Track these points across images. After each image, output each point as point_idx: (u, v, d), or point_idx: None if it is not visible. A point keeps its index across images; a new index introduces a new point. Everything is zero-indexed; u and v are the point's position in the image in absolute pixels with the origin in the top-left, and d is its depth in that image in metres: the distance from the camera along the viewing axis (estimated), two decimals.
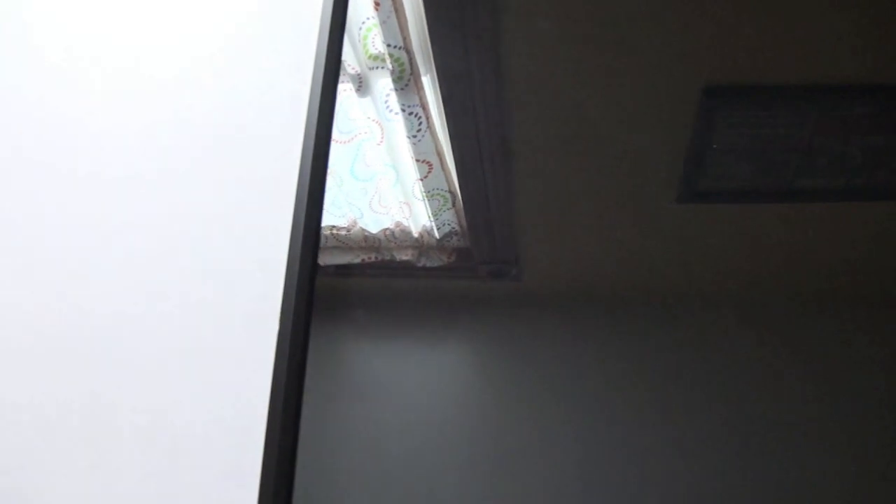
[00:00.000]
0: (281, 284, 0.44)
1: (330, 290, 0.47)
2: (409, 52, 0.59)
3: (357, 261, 0.50)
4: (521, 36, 0.57)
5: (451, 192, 0.51)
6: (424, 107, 0.56)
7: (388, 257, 0.48)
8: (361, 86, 0.60)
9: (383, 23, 0.61)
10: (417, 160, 0.53)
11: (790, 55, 0.55)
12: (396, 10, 0.61)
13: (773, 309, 0.47)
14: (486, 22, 0.58)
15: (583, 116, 0.53)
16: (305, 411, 0.42)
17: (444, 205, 0.50)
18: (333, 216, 0.50)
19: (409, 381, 0.45)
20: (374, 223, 0.51)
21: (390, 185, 0.53)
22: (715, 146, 0.51)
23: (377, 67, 0.60)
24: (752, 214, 0.49)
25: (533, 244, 0.49)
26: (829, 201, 0.50)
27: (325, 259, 0.47)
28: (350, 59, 0.61)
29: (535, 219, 0.50)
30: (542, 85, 0.55)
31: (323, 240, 0.46)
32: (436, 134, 0.54)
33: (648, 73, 0.55)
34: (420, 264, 0.48)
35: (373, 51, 0.61)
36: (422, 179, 0.52)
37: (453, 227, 0.50)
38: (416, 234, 0.49)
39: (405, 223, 0.50)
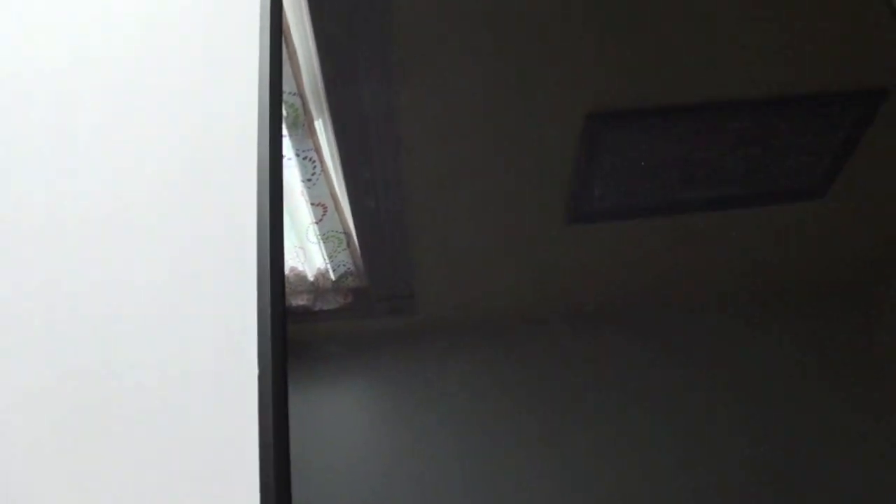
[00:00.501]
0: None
1: None
2: (302, 97, 0.60)
3: None
4: (414, 77, 0.58)
5: (345, 232, 0.51)
6: (318, 150, 0.56)
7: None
8: None
9: None
10: (312, 203, 0.53)
11: (666, 79, 0.57)
12: (290, 58, 0.62)
13: (665, 320, 0.48)
14: (378, 68, 0.59)
15: (473, 150, 0.54)
16: None
17: (338, 246, 0.51)
18: None
19: (316, 427, 0.45)
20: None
21: (285, 230, 0.53)
22: (597, 169, 0.52)
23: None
24: (639, 230, 0.51)
25: (429, 278, 0.50)
26: (711, 211, 0.52)
27: None
28: None
29: (429, 253, 0.51)
30: (433, 123, 0.55)
31: None
32: (330, 177, 0.55)
33: (534, 106, 0.56)
34: (317, 308, 0.48)
35: None
36: (317, 223, 0.52)
37: (349, 268, 0.50)
38: (311, 279, 0.49)
39: (300, 268, 0.49)
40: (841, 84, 0.59)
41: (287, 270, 0.49)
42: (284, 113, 0.59)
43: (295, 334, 0.47)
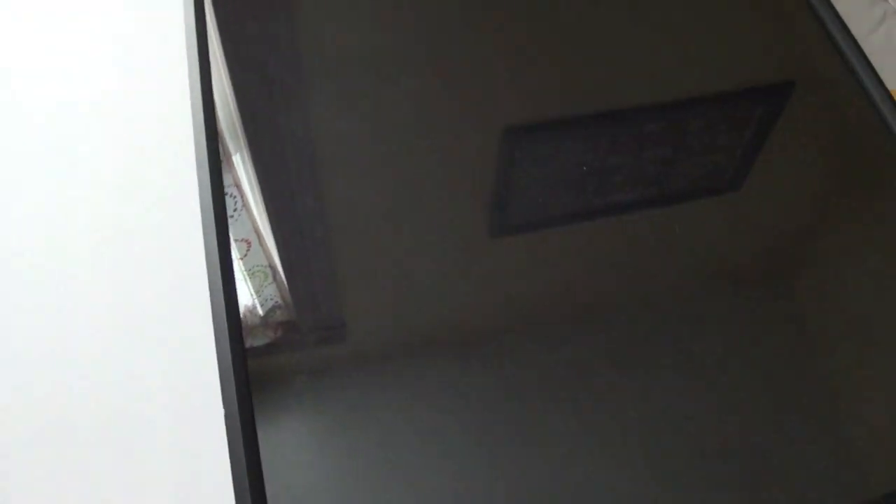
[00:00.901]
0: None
1: None
2: (219, 133, 0.59)
3: None
4: (329, 106, 0.58)
5: (270, 266, 0.51)
6: (238, 186, 0.56)
7: None
8: None
9: None
10: (236, 240, 0.53)
11: (577, 89, 0.58)
12: None
13: (599, 321, 0.49)
14: (292, 100, 0.59)
15: (395, 176, 0.55)
16: None
17: (265, 280, 0.50)
18: None
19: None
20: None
21: None
22: (515, 183, 0.53)
23: None
24: (562, 237, 0.52)
25: (358, 305, 0.50)
26: (628, 213, 0.53)
27: None
28: None
29: (357, 280, 0.51)
30: (350, 150, 0.56)
31: None
32: (251, 212, 0.54)
33: (449, 126, 0.57)
34: (248, 346, 0.48)
35: None
36: (241, 259, 0.52)
37: (276, 302, 0.49)
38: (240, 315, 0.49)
39: None
40: (749, 79, 0.61)
41: None
42: None
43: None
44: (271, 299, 0.49)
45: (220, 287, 0.46)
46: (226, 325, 0.45)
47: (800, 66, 0.62)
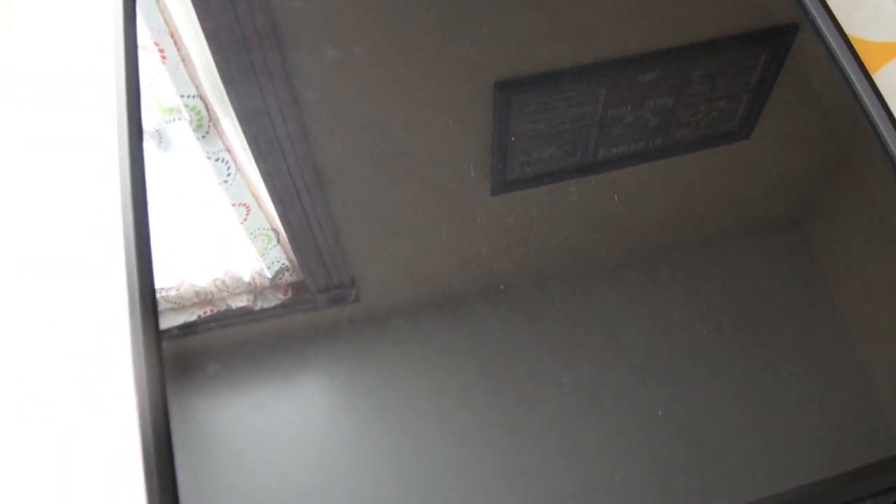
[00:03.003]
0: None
1: (175, 353, 0.45)
2: (203, 98, 0.58)
3: (193, 318, 0.48)
4: (312, 66, 0.58)
5: (273, 229, 0.50)
6: (230, 150, 0.55)
7: (223, 308, 0.47)
8: (162, 141, 0.58)
9: (172, 74, 0.60)
10: (233, 204, 0.52)
11: (571, 38, 0.58)
12: (184, 60, 0.60)
13: (608, 277, 0.49)
14: (276, 58, 0.58)
15: (386, 132, 0.54)
16: (182, 478, 0.40)
17: (269, 243, 0.50)
18: (158, 277, 0.48)
19: (278, 425, 0.44)
20: (203, 276, 0.49)
21: (210, 233, 0.51)
22: (513, 137, 0.53)
23: (174, 120, 0.58)
24: (563, 192, 0.52)
25: (365, 264, 0.50)
26: (631, 166, 0.54)
27: (160, 324, 0.46)
28: (145, 118, 0.59)
29: (361, 239, 0.51)
30: (342, 108, 0.55)
31: None
32: (247, 175, 0.54)
33: (441, 80, 0.57)
34: (258, 307, 0.47)
35: (166, 104, 0.59)
36: (242, 222, 0.51)
37: (283, 264, 0.49)
38: (247, 279, 0.48)
39: (234, 270, 0.48)
40: (749, 23, 0.61)
41: (222, 273, 0.48)
42: (188, 117, 0.57)
43: (238, 335, 0.46)
44: (278, 261, 0.49)
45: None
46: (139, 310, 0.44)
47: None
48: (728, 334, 0.47)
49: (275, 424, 0.44)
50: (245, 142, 0.55)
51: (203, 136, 0.56)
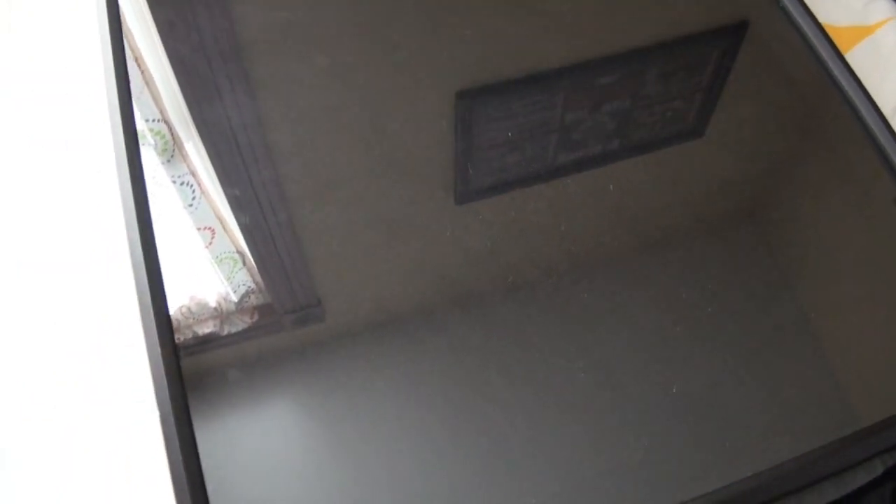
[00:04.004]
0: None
1: None
2: (167, 122, 0.58)
3: None
4: (276, 87, 0.57)
5: (239, 252, 0.50)
6: (195, 173, 0.55)
7: (189, 336, 0.47)
8: None
9: (137, 99, 0.60)
10: (198, 228, 0.52)
11: (528, 46, 0.58)
12: (147, 84, 0.60)
13: (571, 284, 0.49)
14: (240, 81, 0.58)
15: (351, 148, 0.54)
16: None
17: (234, 266, 0.50)
18: None
19: (255, 448, 0.44)
20: (170, 303, 0.49)
21: (177, 259, 0.51)
22: (475, 146, 0.53)
23: (140, 145, 0.58)
24: (526, 198, 0.52)
25: (331, 282, 0.50)
26: (590, 169, 0.53)
27: None
28: None
29: (327, 257, 0.50)
30: (306, 127, 0.55)
31: None
32: (211, 199, 0.53)
33: (403, 93, 0.56)
34: (224, 333, 0.47)
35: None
36: (207, 246, 0.51)
37: (249, 287, 0.49)
38: (213, 304, 0.48)
39: (199, 295, 0.48)
40: (701, 23, 0.62)
41: (187, 299, 0.48)
42: (152, 141, 0.57)
43: (207, 362, 0.46)
44: (244, 284, 0.49)
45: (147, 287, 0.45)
46: (154, 324, 0.44)
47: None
48: (704, 332, 0.47)
49: (249, 448, 0.43)
50: (209, 165, 0.54)
51: (168, 160, 0.56)
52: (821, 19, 0.60)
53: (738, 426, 0.44)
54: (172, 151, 0.56)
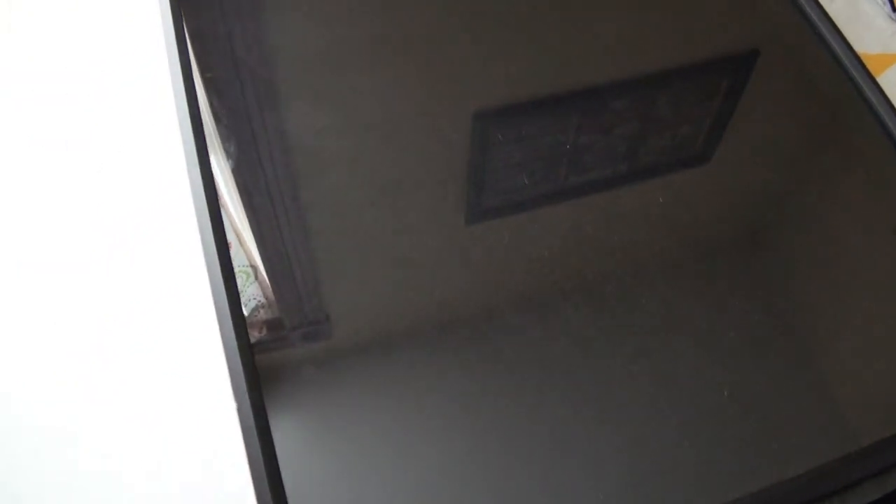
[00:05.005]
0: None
1: None
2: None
3: None
4: (303, 104, 0.58)
5: (252, 266, 0.51)
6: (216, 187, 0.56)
7: None
8: None
9: None
10: None
11: (544, 70, 0.58)
12: None
13: (580, 306, 0.49)
14: (266, 96, 0.59)
15: (365, 166, 0.55)
16: None
17: (247, 280, 0.51)
18: None
19: None
20: None
21: None
22: (489, 167, 0.54)
23: None
24: (537, 220, 0.52)
25: (341, 300, 0.50)
26: (602, 191, 0.54)
27: None
28: None
29: (338, 274, 0.51)
30: (321, 145, 0.56)
31: None
32: (230, 212, 0.55)
33: (418, 114, 0.57)
34: None
35: None
36: None
37: (260, 301, 0.50)
38: None
39: None
40: (716, 49, 0.62)
41: None
42: None
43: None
44: (254, 298, 0.50)
45: (223, 287, 0.47)
46: (230, 321, 0.46)
47: (765, 34, 0.63)
48: (712, 349, 0.47)
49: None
50: (231, 179, 0.56)
51: None
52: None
53: (782, 428, 0.45)
54: None
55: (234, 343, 0.45)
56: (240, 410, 0.43)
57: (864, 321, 0.50)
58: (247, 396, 0.43)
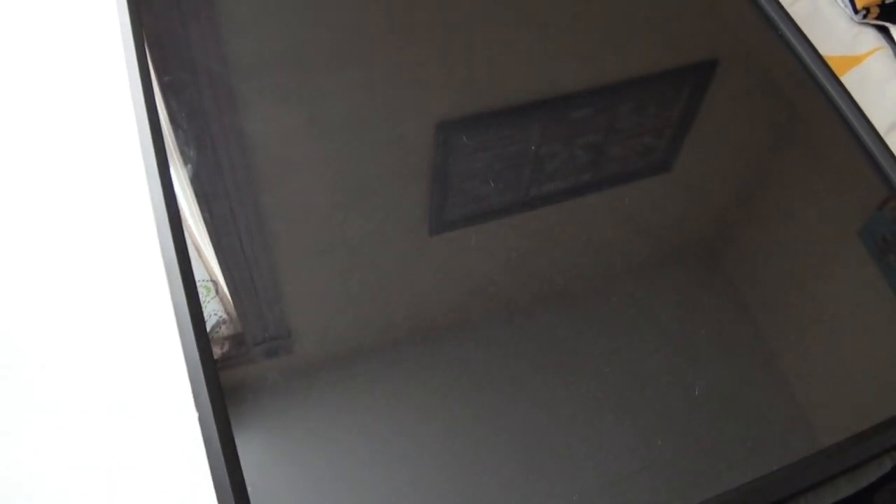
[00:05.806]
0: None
1: None
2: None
3: None
4: (253, 114, 0.58)
5: (212, 280, 0.50)
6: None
7: None
8: None
9: None
10: None
11: (506, 80, 0.58)
12: None
13: (545, 314, 0.49)
14: (224, 105, 0.58)
15: (326, 177, 0.54)
16: None
17: (207, 295, 0.49)
18: None
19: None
20: None
21: None
22: (451, 175, 0.53)
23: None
24: (500, 230, 0.52)
25: (303, 314, 0.49)
26: (563, 201, 0.53)
27: None
28: None
29: (301, 289, 0.50)
30: (280, 155, 0.55)
31: None
32: (190, 227, 0.53)
33: (381, 125, 0.56)
34: None
35: None
36: None
37: (221, 317, 0.49)
38: None
39: None
40: (678, 54, 0.62)
41: None
42: None
43: None
44: (215, 314, 0.48)
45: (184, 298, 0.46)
46: (192, 333, 0.45)
47: (728, 38, 0.63)
48: (678, 354, 0.47)
49: None
50: (189, 191, 0.55)
51: None
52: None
53: (754, 426, 0.45)
54: None
55: (196, 356, 0.44)
56: (202, 420, 0.42)
57: (833, 320, 0.51)
58: (210, 408, 0.43)
